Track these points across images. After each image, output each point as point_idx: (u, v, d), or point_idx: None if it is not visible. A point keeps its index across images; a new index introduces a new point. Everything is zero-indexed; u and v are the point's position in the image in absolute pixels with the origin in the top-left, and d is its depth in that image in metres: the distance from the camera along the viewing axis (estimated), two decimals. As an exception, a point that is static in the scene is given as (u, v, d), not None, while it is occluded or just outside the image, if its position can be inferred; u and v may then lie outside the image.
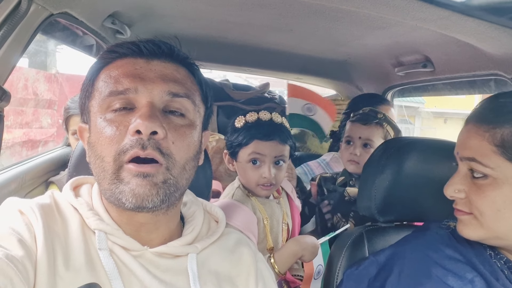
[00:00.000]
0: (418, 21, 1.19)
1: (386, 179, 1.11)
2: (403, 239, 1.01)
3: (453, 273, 0.84)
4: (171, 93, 0.73)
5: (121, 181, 0.69)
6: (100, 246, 0.72)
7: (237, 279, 0.83)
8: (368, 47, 1.86)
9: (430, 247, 0.91)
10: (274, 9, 1.48)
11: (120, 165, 0.69)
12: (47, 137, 5.47)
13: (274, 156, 1.36)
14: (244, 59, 2.50)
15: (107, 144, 0.70)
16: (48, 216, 0.72)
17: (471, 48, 1.37)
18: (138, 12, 1.64)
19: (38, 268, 0.65)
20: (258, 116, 1.38)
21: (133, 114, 0.71)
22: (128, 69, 0.73)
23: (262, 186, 1.38)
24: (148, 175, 0.69)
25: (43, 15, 1.10)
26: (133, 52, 0.75)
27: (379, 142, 1.64)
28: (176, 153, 0.72)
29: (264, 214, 1.40)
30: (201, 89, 0.82)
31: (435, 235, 0.95)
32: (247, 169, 1.38)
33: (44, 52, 5.70)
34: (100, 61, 0.77)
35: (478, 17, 1.01)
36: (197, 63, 0.84)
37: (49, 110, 5.54)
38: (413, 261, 0.90)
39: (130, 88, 0.71)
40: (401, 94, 2.43)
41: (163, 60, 0.76)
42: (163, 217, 0.77)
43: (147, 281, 0.72)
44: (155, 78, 0.73)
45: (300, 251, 1.33)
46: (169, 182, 0.71)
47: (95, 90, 0.75)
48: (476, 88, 1.79)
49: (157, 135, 0.69)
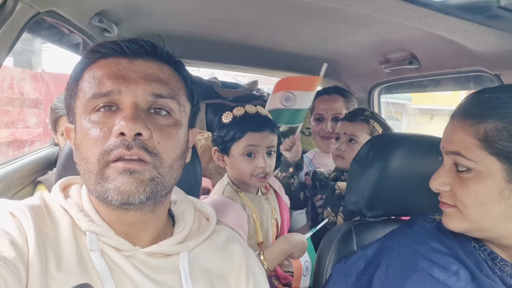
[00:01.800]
0: (403, 19, 1.20)
1: (374, 174, 1.13)
2: (390, 233, 1.03)
3: (438, 265, 0.86)
4: (154, 94, 0.73)
5: (105, 180, 0.69)
6: (92, 247, 0.72)
7: (228, 276, 0.84)
8: (355, 45, 1.88)
9: (416, 240, 0.93)
10: (262, 7, 1.48)
11: (104, 165, 0.69)
12: (33, 137, 5.40)
13: (267, 146, 1.40)
14: (232, 56, 2.50)
15: (92, 145, 0.70)
16: (39, 217, 0.72)
17: (455, 45, 1.40)
18: (125, 10, 1.63)
19: (30, 269, 0.65)
20: (245, 110, 1.42)
21: (117, 115, 0.71)
22: (111, 70, 0.73)
23: (257, 178, 1.40)
24: (135, 172, 0.69)
25: (30, 14, 1.09)
26: (115, 52, 0.75)
27: (364, 138, 1.69)
28: (163, 152, 0.72)
29: (253, 210, 1.42)
30: (186, 86, 0.81)
31: (421, 228, 0.97)
32: (241, 162, 1.39)
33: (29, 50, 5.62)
34: (83, 61, 0.77)
35: (458, 16, 1.03)
36: (185, 61, 0.84)
37: (35, 110, 5.47)
38: (400, 254, 0.92)
39: (113, 90, 0.71)
40: (388, 90, 2.46)
41: (146, 60, 0.76)
42: (151, 215, 0.77)
43: (139, 281, 0.72)
44: (138, 79, 0.73)
45: (290, 249, 1.35)
46: (156, 180, 0.71)
47: (79, 90, 0.75)
48: (461, 84, 1.83)
49: (142, 136, 0.69)
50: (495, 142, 0.80)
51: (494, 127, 0.80)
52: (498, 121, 0.80)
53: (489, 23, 1.05)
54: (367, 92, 2.41)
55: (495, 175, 0.80)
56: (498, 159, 0.80)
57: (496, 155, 0.80)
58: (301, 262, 1.40)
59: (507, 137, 0.79)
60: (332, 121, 2.05)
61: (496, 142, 0.80)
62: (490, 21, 1.03)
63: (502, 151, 0.79)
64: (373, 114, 1.76)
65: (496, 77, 1.43)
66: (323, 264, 1.13)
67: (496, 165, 0.80)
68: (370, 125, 1.73)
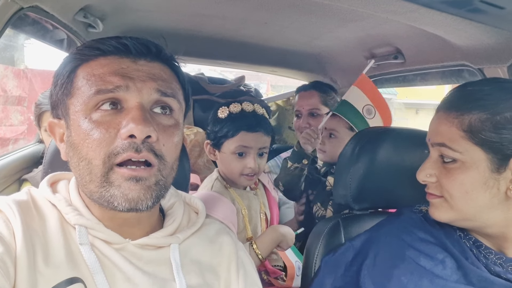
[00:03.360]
0: (388, 13, 1.22)
1: (361, 168, 1.15)
2: (377, 225, 1.05)
3: (425, 254, 0.89)
4: (159, 91, 0.73)
5: (111, 184, 0.69)
6: (81, 241, 0.72)
7: (218, 268, 0.85)
8: (341, 40, 1.89)
9: (404, 230, 0.95)
10: (249, 2, 1.48)
11: (110, 168, 0.69)
12: (17, 135, 5.31)
13: (259, 147, 1.40)
14: (218, 52, 2.50)
15: (96, 146, 0.69)
16: (26, 212, 0.71)
17: (439, 40, 1.42)
18: (110, 5, 1.61)
19: (18, 264, 0.65)
20: (241, 107, 1.40)
21: (122, 115, 0.70)
22: (114, 68, 0.72)
23: (246, 176, 1.40)
24: (141, 179, 0.69)
25: (13, 9, 1.07)
26: (119, 50, 0.73)
27: (343, 132, 1.73)
28: (167, 154, 0.73)
29: (242, 205, 1.43)
30: (183, 88, 0.82)
31: (408, 219, 0.99)
32: (231, 160, 1.40)
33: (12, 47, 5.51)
34: (78, 57, 0.74)
35: (441, 10, 1.04)
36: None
37: (19, 107, 5.38)
38: (388, 244, 0.94)
39: (121, 85, 0.70)
40: (374, 85, 2.48)
41: (149, 60, 0.76)
42: (145, 213, 0.77)
43: (130, 273, 0.72)
44: (144, 77, 0.73)
45: (279, 237, 1.37)
46: (160, 184, 0.72)
47: (75, 87, 0.73)
48: (445, 78, 1.85)
49: (151, 138, 0.69)
50: (479, 133, 0.82)
51: (478, 118, 0.82)
52: (481, 112, 0.82)
53: (471, 17, 1.07)
54: (354, 87, 2.42)
55: (479, 165, 0.82)
56: (482, 149, 0.82)
57: (480, 145, 0.82)
58: (292, 263, 1.42)
59: (490, 128, 0.81)
60: (308, 116, 2.07)
61: (480, 132, 0.82)
62: (472, 14, 1.05)
63: (486, 141, 0.81)
64: None
65: (479, 71, 1.45)
66: (311, 257, 1.14)
67: (480, 155, 0.82)
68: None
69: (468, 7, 0.99)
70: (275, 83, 11.57)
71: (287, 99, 2.90)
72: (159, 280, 0.75)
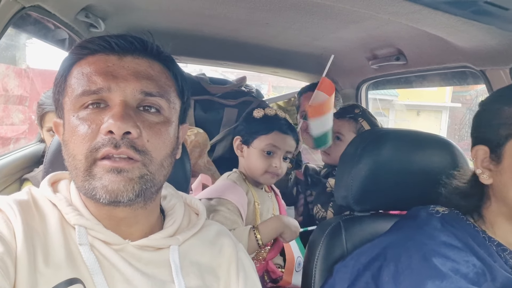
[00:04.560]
0: (390, 15, 1.21)
1: (362, 169, 1.14)
2: (394, 228, 1.01)
3: (452, 260, 0.84)
4: (143, 92, 0.72)
5: (93, 177, 0.69)
6: (81, 241, 0.71)
7: (218, 269, 0.84)
8: (342, 41, 1.88)
9: (425, 234, 0.91)
10: (250, 3, 1.48)
11: (92, 162, 0.69)
12: (18, 134, 5.31)
13: (286, 150, 1.49)
14: (220, 53, 2.50)
15: (79, 142, 0.70)
16: (26, 212, 0.71)
17: (441, 41, 1.41)
18: (112, 5, 1.61)
19: (18, 264, 0.65)
20: (276, 112, 1.54)
21: (106, 112, 0.70)
22: (100, 67, 0.72)
23: (270, 174, 1.47)
24: (123, 170, 0.69)
25: (15, 8, 1.07)
26: (104, 48, 0.74)
27: (350, 136, 1.71)
28: (152, 150, 0.72)
29: (256, 198, 1.50)
30: (176, 83, 0.81)
31: (427, 221, 0.95)
32: (258, 156, 1.47)
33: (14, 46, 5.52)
34: (71, 57, 0.76)
35: (445, 11, 1.04)
36: (173, 57, 0.84)
37: (20, 107, 5.38)
38: (410, 249, 0.90)
39: (103, 87, 0.71)
40: (375, 87, 2.48)
41: (136, 56, 0.75)
42: (141, 211, 0.77)
43: (129, 274, 0.72)
44: (128, 76, 0.72)
45: (282, 227, 1.38)
46: (145, 178, 0.71)
47: (68, 86, 0.74)
48: (447, 80, 1.85)
49: (131, 134, 0.69)
50: None
51: None
52: None
53: (475, 18, 1.06)
54: (355, 88, 2.43)
55: None
56: None
57: None
58: (293, 256, 1.41)
59: None
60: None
61: None
62: (476, 16, 1.04)
63: None
64: (364, 112, 1.76)
65: (481, 73, 1.45)
66: (312, 258, 1.14)
67: None
68: (358, 124, 1.73)
69: (473, 8, 0.98)
70: (277, 84, 11.57)
71: (289, 100, 2.89)
72: (158, 281, 0.74)
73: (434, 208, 0.99)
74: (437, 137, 1.23)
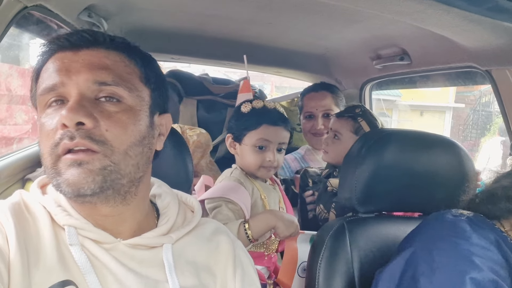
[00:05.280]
0: (394, 14, 1.20)
1: (366, 170, 1.13)
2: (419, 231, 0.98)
3: (486, 258, 0.83)
4: (97, 82, 0.71)
5: (58, 173, 0.69)
6: (71, 241, 0.71)
7: (215, 267, 0.83)
8: (346, 41, 1.87)
9: (456, 235, 0.89)
10: (253, 2, 1.47)
11: (56, 158, 0.69)
12: (21, 134, 5.32)
13: (279, 142, 1.46)
14: (223, 53, 2.49)
15: (44, 140, 0.70)
16: (18, 215, 0.71)
17: (446, 41, 1.40)
18: (115, 5, 1.61)
19: (12, 269, 0.64)
20: (264, 103, 1.49)
21: (64, 107, 0.70)
22: (57, 64, 0.72)
23: (265, 168, 1.46)
24: (83, 163, 0.68)
25: (17, 8, 1.07)
26: (61, 46, 0.74)
27: (347, 135, 1.70)
28: (113, 139, 0.70)
29: (261, 192, 1.48)
30: (140, 70, 0.78)
31: (456, 223, 0.92)
32: (251, 152, 1.45)
33: (17, 46, 5.53)
34: (38, 62, 0.76)
35: (457, 7, 1.02)
36: (176, 56, 0.83)
37: (23, 106, 5.39)
38: (443, 249, 0.87)
39: (56, 83, 0.70)
40: (379, 87, 2.47)
41: (91, 49, 0.74)
42: (124, 208, 0.75)
43: (121, 274, 0.71)
44: (80, 68, 0.71)
45: (274, 221, 1.33)
46: (109, 169, 0.70)
47: (37, 89, 0.75)
48: (452, 80, 1.84)
49: (85, 125, 0.68)
50: None
51: None
52: None
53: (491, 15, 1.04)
54: (359, 88, 2.41)
55: None
56: None
57: None
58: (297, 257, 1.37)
59: None
60: (323, 118, 2.06)
61: None
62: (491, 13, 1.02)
63: None
64: (365, 113, 1.75)
65: (487, 73, 1.43)
66: (316, 260, 1.13)
67: None
68: (357, 123, 1.72)
69: (489, 5, 0.96)
70: (280, 84, 11.57)
71: (292, 100, 2.88)
72: (151, 281, 0.74)
73: (458, 211, 0.96)
74: (442, 138, 1.22)
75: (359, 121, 1.71)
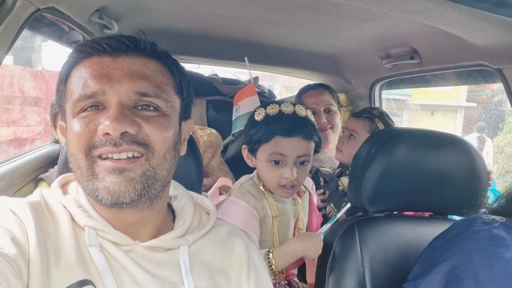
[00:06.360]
0: (404, 13, 1.20)
1: (376, 170, 1.13)
2: (454, 242, 0.93)
3: None
4: (138, 93, 0.72)
5: (95, 177, 0.70)
6: (90, 242, 0.72)
7: (229, 270, 0.84)
8: (356, 40, 1.87)
9: (496, 243, 0.84)
10: (262, 2, 1.48)
11: (93, 160, 0.70)
12: (34, 135, 5.39)
13: (297, 155, 1.25)
14: (232, 53, 2.49)
15: (77, 140, 0.71)
16: (39, 214, 0.72)
17: (457, 39, 1.39)
18: (125, 6, 1.62)
19: (31, 266, 0.65)
20: (280, 108, 1.27)
21: (103, 113, 0.71)
22: (95, 69, 0.72)
23: (284, 188, 1.28)
24: (125, 170, 0.69)
25: (30, 10, 1.09)
26: (98, 50, 0.74)
27: (363, 135, 1.70)
28: (154, 142, 0.72)
29: (274, 210, 1.31)
30: (174, 80, 0.80)
31: (491, 231, 0.88)
32: (266, 168, 1.28)
33: (29, 48, 5.61)
34: (69, 61, 0.76)
35: (465, 4, 1.01)
36: (186, 57, 0.84)
37: (35, 108, 5.46)
38: (487, 260, 0.84)
39: (97, 91, 0.71)
40: (389, 86, 2.45)
41: (130, 56, 0.75)
42: (148, 212, 0.77)
43: (138, 275, 0.72)
44: (121, 77, 0.72)
45: (301, 251, 1.20)
46: (147, 174, 0.71)
47: (67, 92, 0.75)
48: (463, 79, 1.82)
49: (129, 133, 0.69)
50: None
51: None
52: None
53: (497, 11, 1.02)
54: (368, 88, 2.40)
55: None
56: None
57: None
58: None
59: None
60: (325, 113, 2.08)
61: None
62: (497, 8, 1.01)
63: None
64: (382, 114, 1.76)
65: (498, 71, 1.42)
66: (325, 259, 1.13)
67: None
68: (374, 124, 1.73)
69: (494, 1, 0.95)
70: (289, 84, 11.54)
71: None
72: (167, 283, 0.75)
73: (488, 216, 0.92)
74: (453, 137, 1.21)
75: (376, 122, 1.72)
